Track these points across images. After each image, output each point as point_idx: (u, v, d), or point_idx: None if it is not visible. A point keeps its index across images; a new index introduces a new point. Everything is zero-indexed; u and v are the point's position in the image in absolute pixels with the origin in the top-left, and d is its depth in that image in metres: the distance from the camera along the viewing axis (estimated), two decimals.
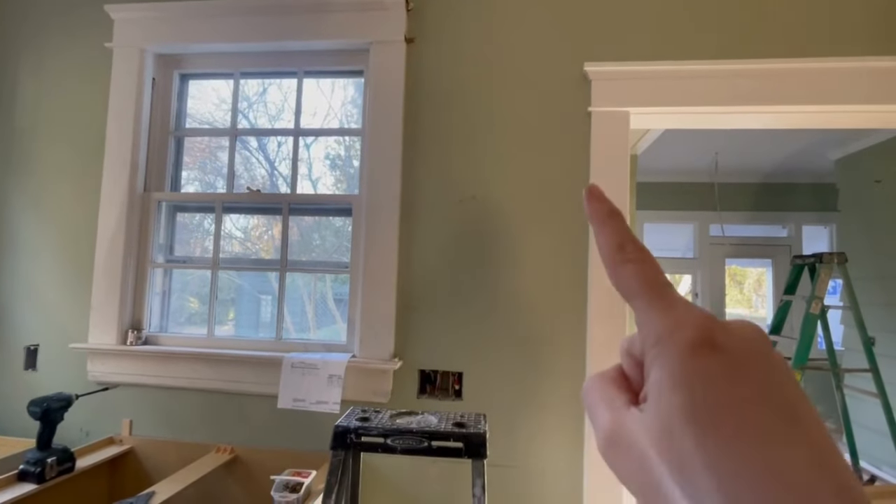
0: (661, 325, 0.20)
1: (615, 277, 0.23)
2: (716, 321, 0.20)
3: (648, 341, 0.21)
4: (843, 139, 3.99)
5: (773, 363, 0.19)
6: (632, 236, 0.23)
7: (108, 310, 1.61)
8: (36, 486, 1.25)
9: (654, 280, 0.22)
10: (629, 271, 0.22)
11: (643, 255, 0.23)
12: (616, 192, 1.47)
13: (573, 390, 1.44)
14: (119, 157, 1.65)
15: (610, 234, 0.24)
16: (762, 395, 0.18)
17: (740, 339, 0.19)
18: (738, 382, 0.18)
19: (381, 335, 1.49)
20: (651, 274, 0.22)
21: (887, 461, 3.58)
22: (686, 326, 0.20)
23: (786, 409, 0.18)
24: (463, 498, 1.44)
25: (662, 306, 0.21)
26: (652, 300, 0.21)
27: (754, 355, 0.19)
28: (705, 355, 0.19)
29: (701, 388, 0.18)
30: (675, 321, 0.20)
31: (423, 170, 1.56)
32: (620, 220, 0.24)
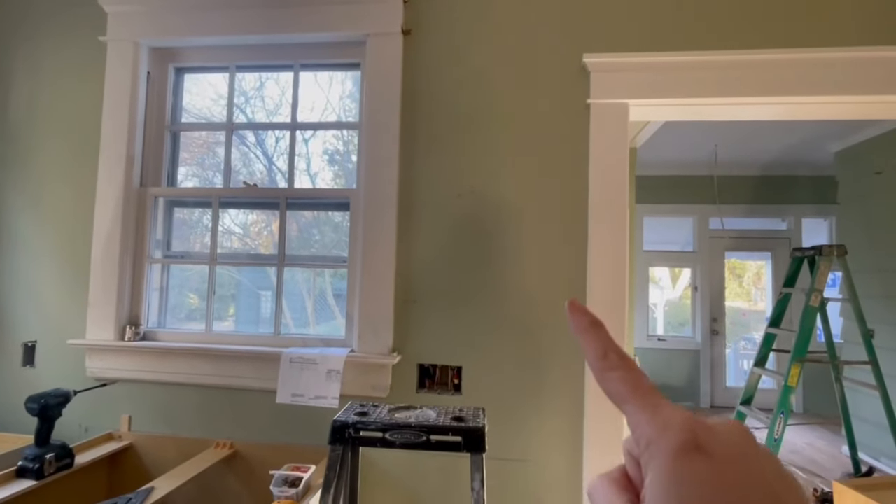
0: (650, 430, 0.21)
1: (602, 384, 0.25)
2: (701, 424, 0.21)
3: (641, 444, 0.22)
4: (842, 131, 3.98)
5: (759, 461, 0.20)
6: (614, 345, 0.25)
7: (106, 306, 1.61)
8: (35, 483, 1.25)
9: (638, 385, 0.24)
10: (614, 378, 0.24)
11: (625, 363, 0.25)
12: (615, 185, 1.46)
13: (572, 384, 1.44)
14: (115, 152, 1.64)
15: (593, 344, 0.26)
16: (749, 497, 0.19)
17: (725, 440, 0.20)
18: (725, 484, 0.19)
19: (379, 330, 1.49)
20: (635, 379, 0.24)
21: (886, 452, 3.59)
22: (673, 430, 0.21)
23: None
24: (462, 491, 1.45)
25: (649, 411, 0.22)
26: (639, 405, 0.23)
27: (740, 457, 0.20)
28: (693, 459, 0.20)
29: (691, 491, 0.19)
30: (662, 425, 0.21)
31: (421, 163, 1.55)
32: (601, 329, 0.26)
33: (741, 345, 6.38)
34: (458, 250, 1.51)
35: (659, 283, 6.68)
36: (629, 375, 0.24)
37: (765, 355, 3.63)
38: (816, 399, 5.30)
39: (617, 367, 0.24)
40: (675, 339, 5.79)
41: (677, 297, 6.71)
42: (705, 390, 5.53)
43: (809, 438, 4.55)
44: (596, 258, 1.44)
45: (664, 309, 6.66)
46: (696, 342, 5.61)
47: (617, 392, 0.24)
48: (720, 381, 5.57)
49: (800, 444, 4.39)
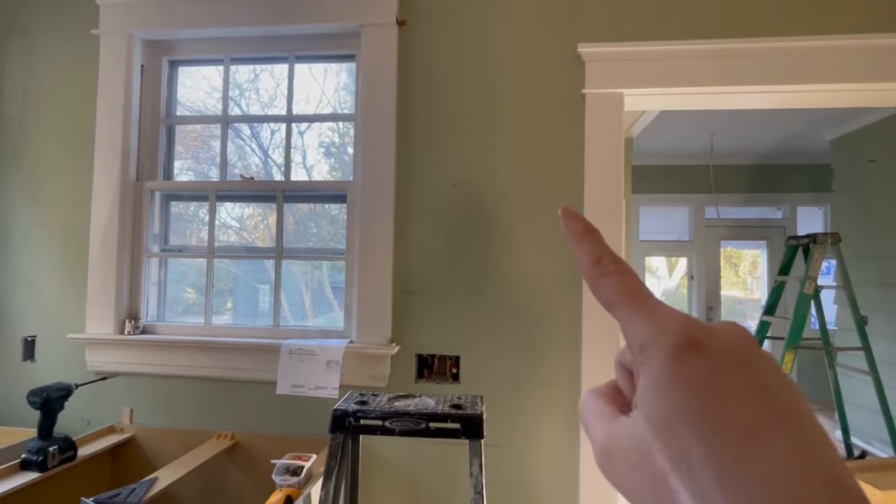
0: (645, 333, 0.21)
1: (595, 290, 0.24)
2: (698, 324, 0.20)
3: (634, 349, 0.21)
4: (838, 119, 3.98)
5: (758, 361, 0.19)
6: (608, 250, 0.24)
7: (105, 300, 1.61)
8: (39, 475, 1.26)
9: (633, 290, 0.22)
10: (608, 283, 0.23)
11: (620, 268, 0.23)
12: (610, 174, 1.47)
13: (569, 372, 1.46)
14: (110, 146, 1.63)
15: (587, 251, 0.24)
16: (748, 393, 0.18)
17: (723, 340, 0.19)
18: (722, 382, 0.18)
19: (377, 321, 1.50)
20: (630, 284, 0.23)
21: (877, 437, 3.65)
22: (669, 331, 0.20)
23: (773, 405, 0.18)
24: (461, 478, 1.47)
25: (645, 314, 0.21)
26: (633, 309, 0.22)
27: (738, 355, 0.19)
28: (689, 358, 0.19)
29: (687, 389, 0.18)
30: (658, 327, 0.20)
31: (418, 154, 1.55)
32: (596, 235, 0.25)
33: None
34: (456, 241, 1.52)
35: (656, 272, 6.71)
36: (624, 280, 0.23)
37: (759, 342, 3.66)
38: (810, 385, 5.36)
39: (611, 273, 0.23)
40: None
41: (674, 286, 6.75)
42: None
43: None
44: None
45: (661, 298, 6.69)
46: None
47: (611, 297, 0.23)
48: None
49: None
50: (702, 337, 0.19)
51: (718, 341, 0.19)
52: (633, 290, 0.22)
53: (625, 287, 0.23)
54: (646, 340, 0.20)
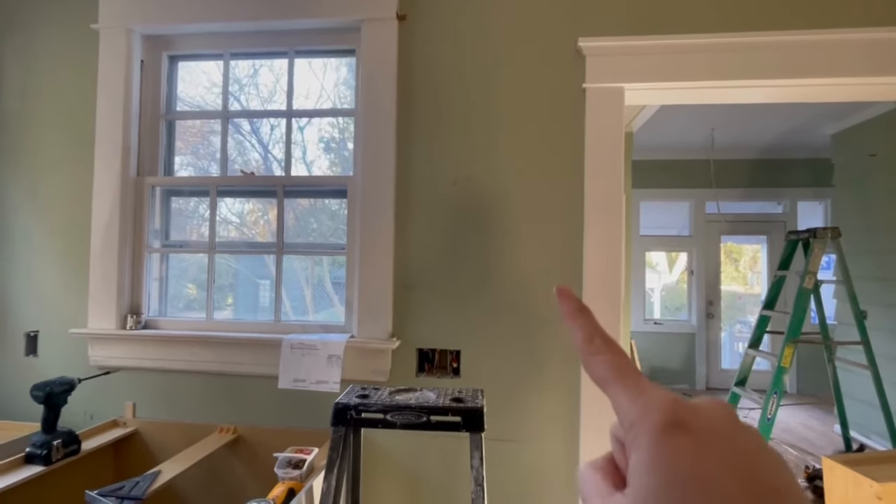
0: (634, 411, 0.22)
1: (587, 367, 0.25)
2: (683, 403, 0.21)
3: (625, 426, 0.22)
4: (839, 113, 3.98)
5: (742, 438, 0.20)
6: (599, 330, 0.26)
7: (106, 295, 1.62)
8: (43, 468, 1.27)
9: (622, 368, 0.24)
10: (599, 362, 0.25)
11: (610, 347, 0.25)
12: (611, 169, 1.47)
13: (569, 367, 1.46)
14: (110, 142, 1.64)
15: (579, 329, 0.26)
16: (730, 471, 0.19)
17: (707, 418, 0.20)
18: (705, 460, 0.19)
19: (378, 315, 1.51)
20: (619, 363, 0.24)
21: (876, 430, 3.66)
22: (655, 410, 0.21)
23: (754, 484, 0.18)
24: (461, 471, 1.48)
25: (633, 392, 0.22)
26: (623, 387, 0.23)
27: (721, 432, 0.20)
28: (674, 436, 0.20)
29: (671, 468, 0.19)
30: (645, 405, 0.21)
31: (418, 150, 1.55)
32: (588, 315, 0.27)
33: (736, 328, 6.44)
34: (456, 236, 1.52)
35: (656, 267, 6.72)
36: (613, 359, 0.24)
37: (759, 337, 3.68)
38: (809, 380, 5.38)
39: (602, 352, 0.25)
40: (672, 322, 5.85)
41: (674, 281, 6.76)
42: (701, 373, 5.60)
43: (802, 418, 4.64)
44: (592, 243, 1.46)
45: (661, 293, 6.71)
46: (692, 325, 5.66)
47: (602, 375, 0.24)
48: (715, 363, 5.64)
49: (793, 423, 4.47)
50: (686, 415, 0.20)
51: (702, 419, 0.20)
52: (622, 368, 0.24)
53: (614, 366, 0.24)
54: (634, 418, 0.21)
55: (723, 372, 5.60)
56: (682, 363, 5.64)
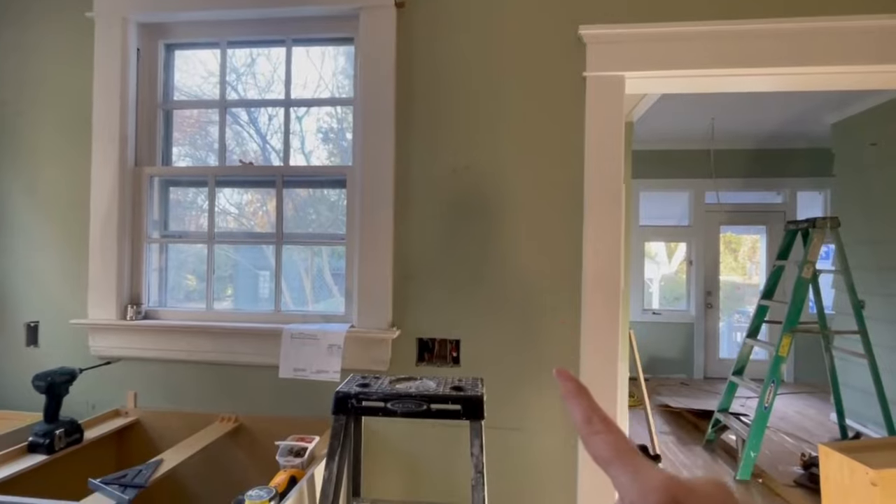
0: (634, 491, 0.22)
1: (587, 446, 0.26)
2: (680, 484, 0.22)
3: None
4: (840, 102, 3.96)
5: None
6: (598, 410, 0.27)
7: (106, 285, 1.62)
8: (46, 457, 1.28)
9: (621, 449, 0.25)
10: (598, 442, 0.26)
11: (608, 427, 0.26)
12: (611, 159, 1.46)
13: (568, 355, 1.47)
14: (108, 132, 1.63)
15: (578, 409, 0.27)
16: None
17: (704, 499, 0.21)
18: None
19: (378, 305, 1.51)
20: (617, 443, 0.25)
21: (871, 419, 3.70)
22: (654, 490, 0.22)
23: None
24: (461, 460, 1.49)
25: (632, 472, 0.23)
26: (622, 467, 0.24)
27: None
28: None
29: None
30: (644, 486, 0.22)
31: (417, 138, 1.54)
32: (586, 395, 0.28)
33: (735, 318, 6.47)
34: (455, 226, 1.52)
35: (655, 258, 6.72)
36: (611, 438, 0.25)
37: (757, 327, 3.69)
38: (807, 369, 5.42)
39: (600, 432, 0.26)
40: (670, 312, 5.87)
41: (673, 271, 6.77)
42: (699, 362, 5.64)
43: (799, 406, 4.68)
44: (592, 232, 1.46)
45: (660, 284, 6.72)
46: (691, 315, 5.69)
47: (601, 455, 0.25)
48: (714, 353, 5.67)
49: (789, 411, 4.51)
50: (683, 497, 0.21)
51: (699, 500, 0.21)
52: (620, 449, 0.25)
53: (613, 446, 0.25)
54: (634, 498, 0.22)
55: (721, 361, 5.63)
56: (681, 353, 5.67)
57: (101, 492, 1.13)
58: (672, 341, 5.67)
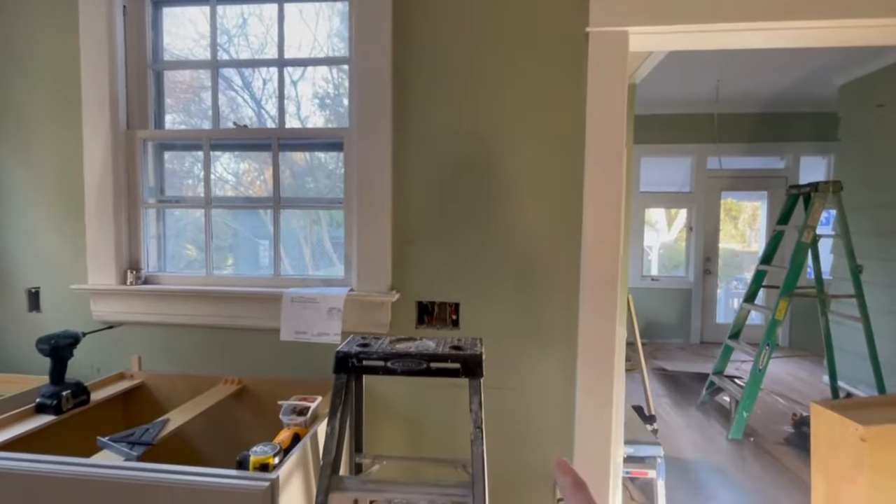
0: None
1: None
2: None
3: None
4: (848, 63, 3.86)
5: None
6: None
7: (105, 251, 1.62)
8: (54, 417, 1.31)
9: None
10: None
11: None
12: (613, 119, 1.43)
13: (568, 318, 1.48)
14: (98, 93, 1.58)
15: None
16: None
17: None
18: None
19: (377, 269, 1.51)
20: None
21: (863, 380, 3.77)
22: None
23: None
24: (461, 419, 1.53)
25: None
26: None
27: None
28: None
29: None
30: None
31: (415, 99, 1.51)
32: (584, 491, 0.29)
33: (733, 285, 6.52)
34: (455, 188, 1.51)
35: (655, 225, 6.71)
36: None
37: (754, 291, 3.72)
38: (801, 334, 5.49)
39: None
40: (669, 278, 5.91)
41: (672, 239, 6.77)
42: (696, 327, 5.71)
43: (792, 370, 4.77)
44: (592, 196, 1.44)
45: (659, 251, 6.74)
46: (689, 281, 5.72)
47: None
48: (710, 318, 5.74)
49: (782, 374, 4.61)
50: None
51: None
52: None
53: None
54: None
55: (717, 326, 5.71)
56: (678, 318, 5.74)
57: (109, 449, 1.16)
58: (670, 307, 5.73)
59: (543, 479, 1.51)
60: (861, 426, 1.56)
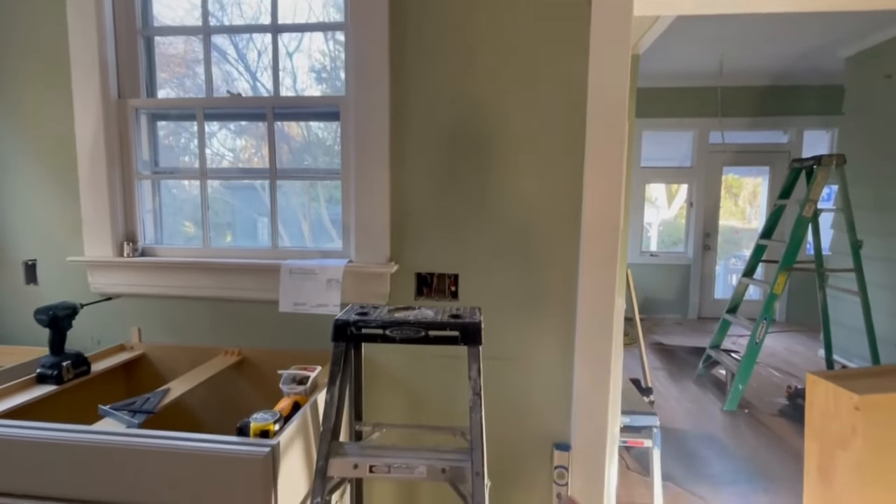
0: None
1: None
2: None
3: None
4: (855, 34, 3.77)
5: None
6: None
7: (100, 223, 1.60)
8: (55, 387, 1.32)
9: None
10: None
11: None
12: (615, 90, 1.40)
13: (567, 290, 1.48)
14: (87, 60, 1.54)
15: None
16: None
17: None
18: None
19: (376, 240, 1.50)
20: None
21: (857, 354, 3.81)
22: None
23: None
24: (460, 389, 1.54)
25: None
26: None
27: None
28: None
29: None
30: None
31: (413, 66, 1.47)
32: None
33: (731, 261, 6.53)
34: (454, 159, 1.48)
35: (655, 202, 6.68)
36: None
37: (753, 266, 3.73)
38: (798, 308, 5.53)
39: None
40: (667, 254, 5.91)
41: (672, 216, 6.75)
42: (694, 302, 5.75)
43: (788, 343, 4.82)
44: (593, 167, 1.42)
45: (658, 228, 6.73)
46: (688, 257, 5.73)
47: None
48: (709, 293, 5.77)
49: (778, 348, 4.65)
50: None
51: None
52: None
53: None
54: None
55: (715, 302, 5.74)
56: (677, 293, 5.76)
57: (111, 417, 1.17)
58: (668, 282, 5.75)
59: (542, 447, 1.53)
60: (856, 395, 1.58)
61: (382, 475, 1.01)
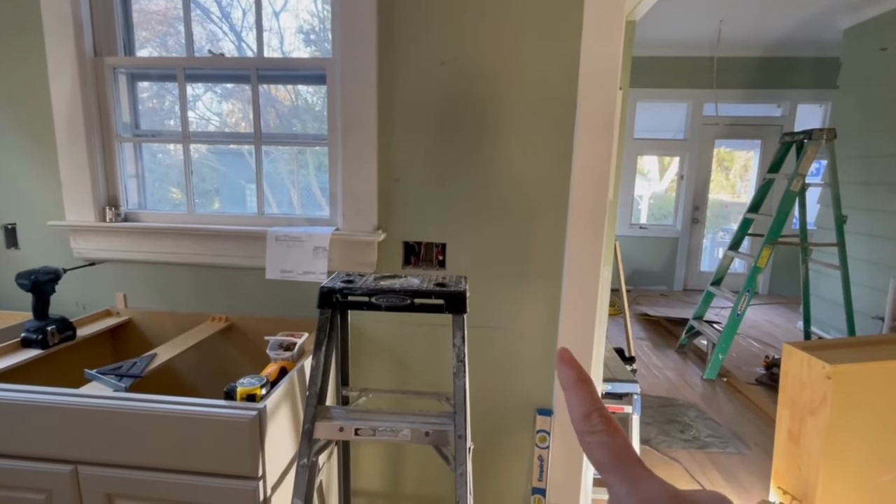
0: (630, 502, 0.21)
1: (584, 447, 0.24)
2: (681, 495, 0.21)
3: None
4: (854, 5, 3.71)
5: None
6: (598, 405, 0.25)
7: (80, 187, 1.56)
8: (41, 351, 1.32)
9: (620, 454, 0.23)
10: (597, 444, 0.23)
11: (608, 427, 0.24)
12: (608, 57, 1.37)
13: (553, 259, 1.49)
14: (59, 15, 1.47)
15: (577, 402, 0.25)
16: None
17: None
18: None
19: (363, 208, 1.49)
20: (617, 447, 0.23)
21: (834, 326, 3.93)
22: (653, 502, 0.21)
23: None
24: (446, 358, 1.57)
25: (629, 483, 0.22)
26: (620, 475, 0.22)
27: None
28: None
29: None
30: (643, 498, 0.21)
31: (402, 27, 1.42)
32: (588, 386, 0.25)
33: (719, 235, 6.60)
34: (444, 125, 1.46)
35: (647, 175, 6.67)
36: (610, 441, 0.23)
37: (739, 239, 3.77)
38: (781, 282, 5.65)
39: (599, 432, 0.24)
40: (657, 227, 5.96)
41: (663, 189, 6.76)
42: (680, 274, 5.84)
43: (769, 316, 4.94)
44: (582, 136, 1.40)
45: (649, 201, 6.74)
46: (676, 230, 5.78)
47: (598, 459, 0.23)
48: (695, 266, 5.86)
49: (759, 320, 4.77)
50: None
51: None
52: (620, 454, 0.23)
53: (611, 449, 0.23)
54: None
55: (701, 274, 5.83)
56: (663, 266, 5.84)
57: (97, 381, 1.18)
58: (656, 255, 5.82)
59: (525, 412, 1.57)
60: (828, 365, 1.63)
61: (367, 438, 1.03)
